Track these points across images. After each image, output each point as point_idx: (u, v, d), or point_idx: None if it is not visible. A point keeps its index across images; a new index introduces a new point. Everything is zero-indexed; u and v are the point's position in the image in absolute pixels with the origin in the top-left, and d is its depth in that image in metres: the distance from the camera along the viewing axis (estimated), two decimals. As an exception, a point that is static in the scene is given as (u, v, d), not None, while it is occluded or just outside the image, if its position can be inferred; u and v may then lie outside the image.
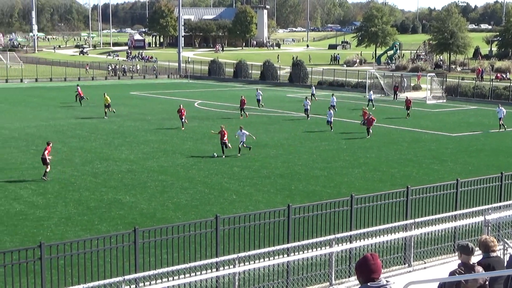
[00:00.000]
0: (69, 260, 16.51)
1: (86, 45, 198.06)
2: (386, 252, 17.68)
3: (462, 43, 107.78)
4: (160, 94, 78.32)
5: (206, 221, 17.94)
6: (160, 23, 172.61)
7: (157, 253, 17.37)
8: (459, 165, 36.29)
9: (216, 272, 14.56)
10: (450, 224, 17.82)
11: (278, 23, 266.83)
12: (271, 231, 18.04)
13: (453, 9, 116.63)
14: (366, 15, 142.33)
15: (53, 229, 23.90)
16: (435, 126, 51.36)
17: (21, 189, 29.80)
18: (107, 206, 27.04)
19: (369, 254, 7.59)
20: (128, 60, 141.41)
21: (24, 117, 54.79)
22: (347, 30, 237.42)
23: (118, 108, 61.64)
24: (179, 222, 21.02)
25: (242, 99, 56.23)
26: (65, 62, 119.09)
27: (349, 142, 43.68)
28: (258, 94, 63.82)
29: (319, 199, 25.90)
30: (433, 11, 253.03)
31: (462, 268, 9.96)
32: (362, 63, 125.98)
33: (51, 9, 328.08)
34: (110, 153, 38.80)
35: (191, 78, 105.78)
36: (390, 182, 31.58)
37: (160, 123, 51.59)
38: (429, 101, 70.84)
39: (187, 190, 29.90)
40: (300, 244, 16.03)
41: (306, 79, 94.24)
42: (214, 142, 42.78)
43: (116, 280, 13.58)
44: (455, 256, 14.61)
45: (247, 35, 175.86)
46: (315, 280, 16.95)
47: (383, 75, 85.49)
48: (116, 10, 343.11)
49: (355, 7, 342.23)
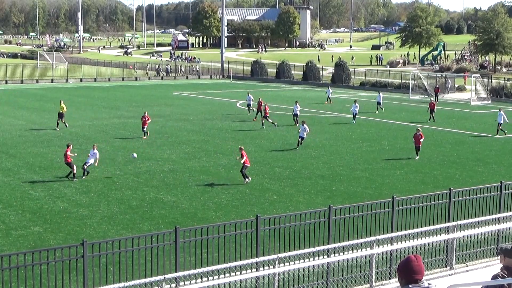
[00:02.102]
0: (110, 258, 16.66)
1: (130, 46, 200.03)
2: (427, 255, 17.51)
3: (508, 44, 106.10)
4: (202, 94, 78.69)
5: (246, 221, 17.96)
6: (203, 23, 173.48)
7: (197, 253, 17.46)
8: (504, 167, 35.76)
9: (256, 272, 14.58)
10: (493, 227, 17.59)
11: (321, 23, 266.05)
12: (312, 232, 17.99)
13: (499, 9, 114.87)
14: (410, 15, 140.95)
15: (96, 227, 24.18)
16: (479, 127, 50.69)
17: (65, 187, 30.20)
18: (148, 205, 27.25)
19: (412, 256, 7.52)
20: (172, 60, 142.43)
21: (69, 116, 55.42)
22: (390, 30, 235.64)
23: (160, 108, 62.18)
24: (219, 222, 21.10)
25: (260, 102, 53.77)
26: (109, 63, 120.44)
27: (391, 143, 43.34)
28: (249, 99, 58.55)
29: (360, 200, 25.76)
30: (479, 11, 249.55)
31: (505, 272, 9.80)
32: (406, 64, 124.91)
33: (97, 10, 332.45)
34: (152, 152, 39.10)
35: (233, 78, 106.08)
36: (433, 184, 31.27)
37: (202, 123, 51.81)
38: (474, 102, 69.97)
39: (228, 190, 29.99)
40: (341, 245, 15.97)
41: (349, 80, 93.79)
42: (256, 143, 42.85)
43: (157, 278, 13.71)
44: (498, 260, 14.40)
45: (290, 35, 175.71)
46: (355, 281, 16.87)
47: (427, 76, 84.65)
48: (160, 11, 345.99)
49: (399, 7, 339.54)
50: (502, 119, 46.45)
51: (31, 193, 29.14)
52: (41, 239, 22.77)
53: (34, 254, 17.03)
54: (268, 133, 47.02)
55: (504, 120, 46.53)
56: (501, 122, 46.48)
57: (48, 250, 16.15)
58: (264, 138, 44.93)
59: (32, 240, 22.58)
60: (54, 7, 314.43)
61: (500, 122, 46.55)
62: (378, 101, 60.00)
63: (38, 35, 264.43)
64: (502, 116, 46.49)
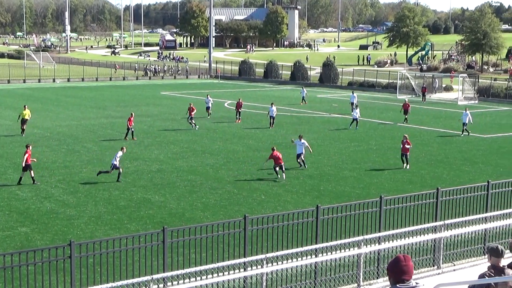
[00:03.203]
0: (98, 259, 16.62)
1: (117, 46, 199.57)
2: (415, 254, 17.56)
3: (495, 44, 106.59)
4: (190, 94, 78.58)
5: (234, 221, 17.96)
6: (191, 23, 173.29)
7: (185, 253, 17.43)
8: (491, 167, 35.92)
9: (244, 272, 14.57)
10: (480, 226, 17.65)
11: (309, 23, 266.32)
12: (300, 232, 18.00)
13: (486, 9, 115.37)
14: (398, 15, 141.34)
15: (83, 227, 24.10)
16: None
17: (52, 188, 30.09)
18: (136, 206, 27.20)
19: (401, 255, 7.55)
20: (159, 60, 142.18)
21: (56, 116, 55.34)
22: (378, 30, 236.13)
23: (148, 108, 62.06)
24: (207, 222, 21.11)
25: (240, 102, 53.66)
26: (97, 62, 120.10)
27: (379, 143, 43.45)
28: (208, 101, 56.13)
29: (348, 200, 25.80)
30: (466, 11, 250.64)
31: (492, 271, 9.86)
32: (393, 64, 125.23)
33: (84, 10, 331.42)
34: (140, 152, 39.03)
35: (221, 78, 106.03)
36: (420, 184, 31.37)
37: (190, 123, 51.67)
38: (461, 102, 70.21)
39: (216, 190, 29.97)
40: (329, 245, 15.99)
41: (337, 80, 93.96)
42: (243, 143, 42.84)
43: (145, 279, 13.67)
44: (485, 259, 14.47)
45: (278, 35, 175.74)
46: (343, 281, 16.90)
47: (414, 75, 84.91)
48: (147, 11, 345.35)
49: (387, 7, 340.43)
50: (467, 119, 46.45)
51: (18, 193, 29.01)
52: (28, 239, 22.68)
53: (21, 254, 16.96)
54: (256, 133, 47.03)
55: (469, 121, 46.55)
56: (465, 122, 46.48)
57: (35, 250, 16.09)
58: (252, 138, 44.94)
59: (19, 241, 22.48)
60: (41, 6, 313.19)
61: (465, 122, 46.54)
62: (352, 102, 59.19)
63: (25, 35, 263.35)
64: (468, 116, 46.50)
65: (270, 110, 50.14)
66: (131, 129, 43.86)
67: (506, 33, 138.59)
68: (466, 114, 46.45)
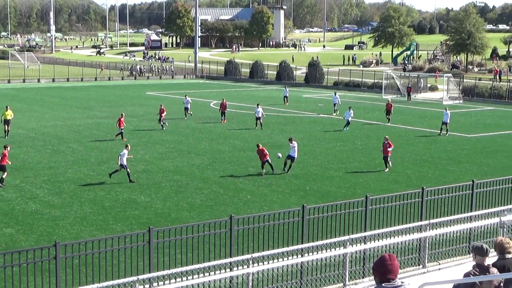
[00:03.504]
0: (83, 260, 16.56)
1: (103, 46, 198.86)
2: (400, 253, 17.61)
3: (480, 44, 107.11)
4: (176, 94, 78.45)
5: (220, 221, 17.95)
6: (176, 23, 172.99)
7: (171, 253, 17.40)
8: (475, 166, 36.10)
9: (230, 272, 14.56)
10: (465, 225, 17.73)
11: (295, 23, 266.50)
12: (286, 232, 18.02)
13: (471, 9, 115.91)
14: (383, 15, 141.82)
15: (68, 228, 24.01)
16: (451, 127, 51.00)
17: (37, 188, 29.95)
18: (122, 206, 27.12)
19: (386, 255, 7.57)
20: (145, 60, 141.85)
21: (41, 116, 55.08)
22: (363, 30, 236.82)
23: (134, 108, 61.90)
24: (193, 222, 21.07)
25: (224, 103, 53.37)
26: (82, 63, 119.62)
27: (364, 142, 43.56)
28: (187, 102, 55.05)
29: (333, 199, 25.84)
30: (451, 11, 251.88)
31: (476, 270, 9.91)
32: (379, 64, 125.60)
33: (69, 10, 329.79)
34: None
35: (207, 78, 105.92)
36: (406, 183, 31.48)
37: (176, 123, 51.66)
38: (446, 102, 70.45)
39: (202, 190, 29.94)
40: (314, 244, 16.00)
41: (322, 80, 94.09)
42: (229, 143, 42.82)
43: (130, 279, 13.62)
44: (470, 258, 14.53)
45: (263, 35, 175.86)
46: (329, 280, 16.92)
47: (399, 75, 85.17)
48: (133, 11, 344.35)
49: (372, 7, 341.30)
50: (448, 119, 46.64)
51: (2, 194, 28.85)
52: (13, 240, 22.57)
53: (6, 255, 16.84)
54: (242, 133, 47.03)
55: (449, 120, 46.74)
56: (447, 122, 46.67)
57: (20, 251, 16.03)
58: (238, 138, 44.93)
59: (3, 242, 22.36)
60: (25, 6, 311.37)
61: (445, 122, 46.73)
62: (335, 102, 59.17)
63: (9, 35, 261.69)
64: (448, 115, 46.68)
65: (256, 111, 49.72)
66: (121, 130, 43.48)
67: (490, 33, 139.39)
68: (446, 113, 46.63)
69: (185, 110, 55.19)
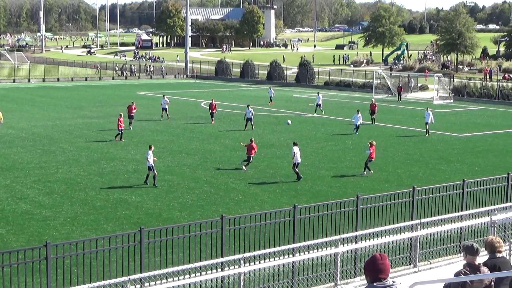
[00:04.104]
0: (74, 260, 16.52)
1: (93, 45, 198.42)
2: (391, 253, 17.65)
3: (470, 44, 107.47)
4: (167, 94, 78.20)
5: (211, 221, 17.93)
6: (167, 23, 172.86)
7: (162, 253, 17.38)
8: (466, 166, 36.21)
9: (222, 272, 14.56)
10: (456, 224, 17.79)
11: (286, 23, 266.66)
12: (277, 231, 18.02)
13: (461, 9, 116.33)
14: (374, 15, 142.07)
15: (59, 228, 23.94)
16: (441, 126, 51.22)
17: (28, 188, 29.85)
18: (113, 206, 27.07)
19: (378, 254, 7.59)
20: (136, 60, 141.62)
21: (31, 116, 54.89)
22: (354, 30, 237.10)
23: (124, 108, 61.68)
24: (184, 222, 21.04)
25: (213, 104, 52.90)
26: (73, 62, 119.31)
27: (355, 142, 43.60)
28: (164, 102, 54.19)
29: (325, 199, 25.87)
30: (441, 11, 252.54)
31: (467, 269, 9.94)
32: (369, 64, 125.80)
33: (59, 9, 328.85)
34: (116, 153, 38.84)
35: (198, 78, 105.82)
36: (396, 183, 31.54)
37: (167, 123, 51.59)
38: (436, 102, 70.71)
39: (193, 190, 29.91)
40: (306, 244, 16.01)
41: (313, 79, 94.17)
42: (220, 142, 42.81)
43: (122, 280, 13.60)
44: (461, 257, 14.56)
45: (254, 35, 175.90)
46: (321, 280, 16.94)
47: (390, 75, 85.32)
48: (123, 10, 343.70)
49: (363, 7, 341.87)
50: (430, 119, 46.72)
51: (-7, 194, 28.74)
52: (3, 241, 22.48)
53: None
54: (233, 133, 47.01)
55: (431, 120, 46.80)
56: (428, 122, 46.75)
57: (10, 252, 15.95)
58: (229, 138, 44.90)
59: (-6, 242, 22.28)
60: (15, 6, 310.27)
61: (427, 122, 46.78)
62: (318, 103, 59.07)
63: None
64: (430, 116, 46.76)
65: (246, 112, 49.03)
66: (121, 131, 43.10)
67: (480, 33, 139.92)
68: (428, 113, 46.70)
69: (163, 111, 54.18)
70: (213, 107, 52.71)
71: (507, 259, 11.29)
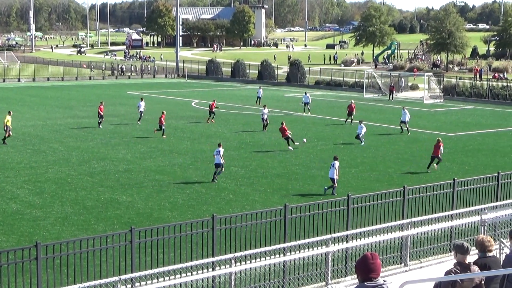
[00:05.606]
0: (65, 260, 16.47)
1: (83, 45, 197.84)
2: (382, 252, 17.69)
3: (460, 43, 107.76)
4: (157, 93, 78.26)
5: (202, 221, 17.92)
6: (158, 22, 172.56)
7: (153, 253, 17.35)
8: (456, 165, 36.29)
9: (213, 272, 14.55)
10: (446, 223, 17.83)
11: (276, 22, 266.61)
12: (268, 231, 18.03)
13: (451, 8, 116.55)
14: (364, 14, 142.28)
15: (50, 228, 23.87)
16: (432, 125, 51.36)
17: (18, 188, 29.75)
18: (103, 206, 27.01)
19: (369, 253, 7.60)
20: (126, 59, 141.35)
21: (21, 116, 54.68)
22: (345, 29, 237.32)
23: (115, 108, 61.64)
24: (175, 222, 21.02)
25: (213, 104, 52.82)
26: (63, 62, 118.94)
27: (346, 141, 43.65)
28: (139, 105, 52.44)
29: (315, 199, 25.90)
30: (431, 10, 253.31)
31: (458, 268, 9.97)
32: (360, 63, 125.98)
33: (49, 9, 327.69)
34: (107, 152, 38.76)
35: (188, 77, 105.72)
36: (387, 182, 31.58)
37: (158, 123, 51.42)
38: (427, 101, 70.86)
39: (184, 189, 29.88)
40: (297, 243, 16.03)
41: (304, 79, 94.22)
42: (211, 142, 42.76)
43: (112, 279, 13.58)
44: (451, 256, 14.61)
45: (245, 34, 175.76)
46: (311, 279, 16.96)
47: (380, 74, 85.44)
48: (114, 10, 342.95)
49: (353, 6, 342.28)
50: (407, 117, 46.83)
51: (-18, 194, 28.63)
52: (-6, 241, 22.40)
53: (-14, 256, 16.73)
54: (224, 133, 46.99)
55: (408, 119, 46.87)
56: (405, 121, 46.78)
57: (0, 252, 15.89)
58: (220, 137, 44.84)
59: (-16, 243, 22.19)
60: (5, 5, 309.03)
61: (404, 121, 46.79)
62: (306, 102, 58.57)
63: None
64: (406, 114, 46.84)
65: (262, 112, 48.51)
66: (163, 127, 44.47)
67: (470, 33, 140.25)
68: (404, 112, 46.77)
69: (140, 113, 52.07)
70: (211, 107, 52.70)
71: (498, 258, 11.33)
